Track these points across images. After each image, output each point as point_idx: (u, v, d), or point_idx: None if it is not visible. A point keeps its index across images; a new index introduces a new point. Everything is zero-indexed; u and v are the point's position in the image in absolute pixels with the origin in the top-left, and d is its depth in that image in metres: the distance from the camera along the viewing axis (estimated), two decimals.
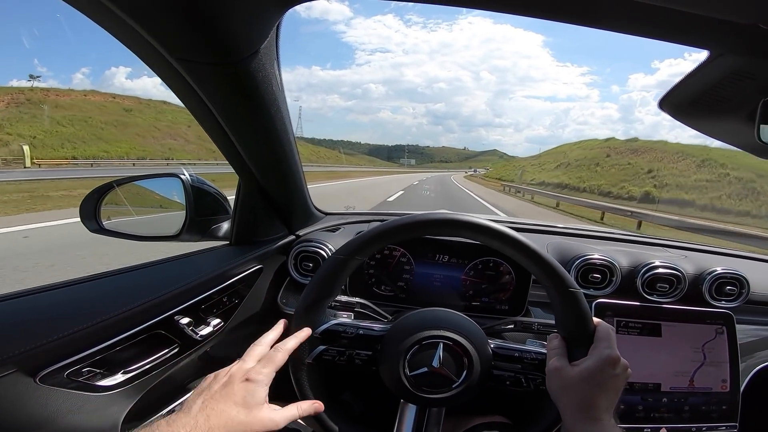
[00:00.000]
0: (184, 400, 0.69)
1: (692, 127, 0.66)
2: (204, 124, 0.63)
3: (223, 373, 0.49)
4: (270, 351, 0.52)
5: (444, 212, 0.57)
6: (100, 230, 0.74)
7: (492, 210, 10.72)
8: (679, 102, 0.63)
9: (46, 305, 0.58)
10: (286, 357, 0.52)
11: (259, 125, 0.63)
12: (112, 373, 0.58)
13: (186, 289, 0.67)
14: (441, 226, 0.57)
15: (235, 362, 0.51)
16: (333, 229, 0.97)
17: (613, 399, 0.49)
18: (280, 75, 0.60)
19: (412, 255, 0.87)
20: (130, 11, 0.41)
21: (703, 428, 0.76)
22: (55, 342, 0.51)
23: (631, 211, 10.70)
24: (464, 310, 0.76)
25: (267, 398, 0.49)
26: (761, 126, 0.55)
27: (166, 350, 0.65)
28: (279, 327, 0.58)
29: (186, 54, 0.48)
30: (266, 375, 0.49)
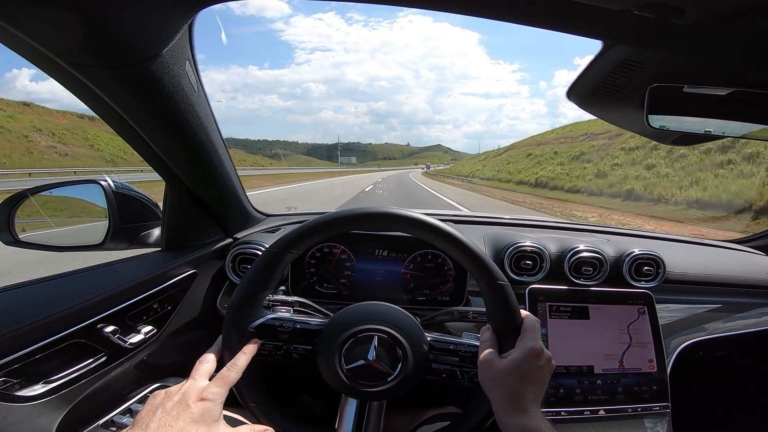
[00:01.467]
0: (126, 409, 0.67)
1: (596, 116, 0.70)
2: (117, 129, 0.62)
3: (176, 390, 0.48)
4: (223, 370, 0.52)
5: (378, 206, 0.58)
6: (15, 242, 0.71)
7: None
8: (583, 92, 0.67)
9: None
10: (240, 374, 0.52)
11: (173, 128, 0.62)
12: (32, 383, 0.56)
13: (108, 296, 0.65)
14: (374, 219, 0.57)
15: (186, 380, 0.50)
16: (273, 230, 0.96)
17: (539, 390, 0.50)
18: (196, 75, 0.60)
19: (352, 251, 0.87)
20: (12, 21, 0.40)
21: (638, 408, 0.78)
22: None
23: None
24: (407, 303, 0.76)
25: (222, 416, 0.49)
26: (649, 111, 0.58)
27: (91, 359, 0.63)
28: (220, 341, 0.57)
29: (81, 59, 0.46)
30: (221, 395, 0.49)
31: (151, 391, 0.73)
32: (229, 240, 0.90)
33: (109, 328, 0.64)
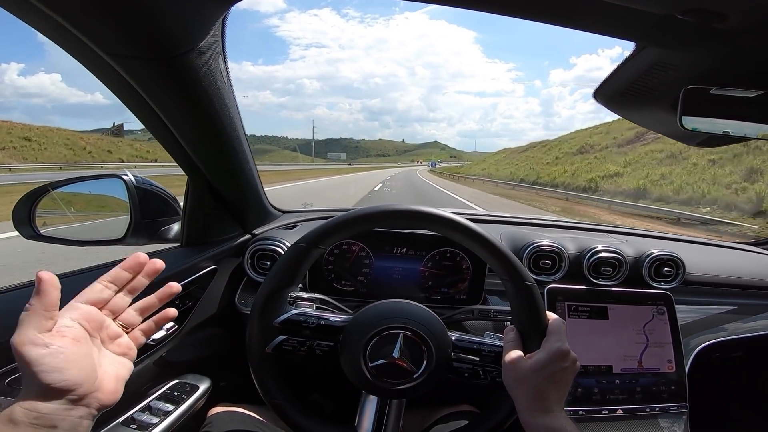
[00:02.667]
0: (146, 406, 0.67)
1: (624, 117, 0.69)
2: (146, 123, 0.61)
3: None
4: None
5: (405, 205, 0.58)
6: (36, 236, 0.70)
7: None
8: (611, 93, 0.66)
9: None
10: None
11: (203, 122, 0.61)
12: None
13: None
14: (403, 217, 0.57)
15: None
16: (290, 227, 0.96)
17: (563, 391, 0.51)
18: (227, 70, 0.59)
19: (371, 249, 0.87)
20: (58, 9, 0.39)
21: (656, 408, 0.79)
22: None
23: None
24: (424, 301, 0.76)
25: None
26: (682, 113, 0.58)
27: None
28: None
29: (120, 50, 0.46)
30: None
31: (170, 387, 0.73)
32: (248, 236, 0.90)
33: None
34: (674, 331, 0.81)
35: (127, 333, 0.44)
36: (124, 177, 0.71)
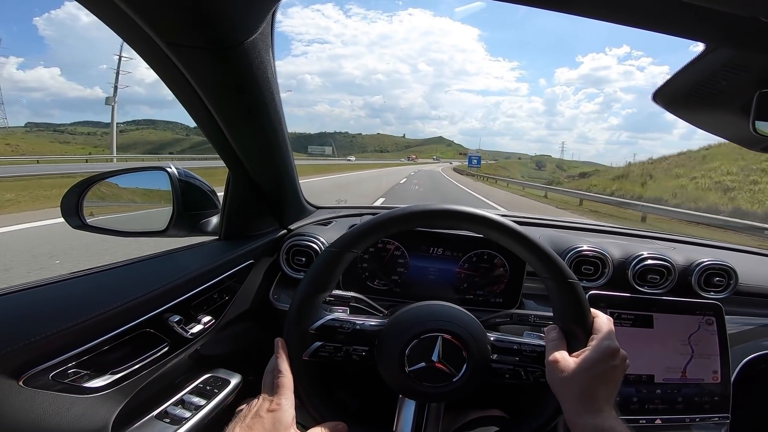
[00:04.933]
0: (179, 400, 0.67)
1: (685, 120, 0.66)
2: (194, 114, 0.61)
3: (254, 404, 0.52)
4: (276, 380, 0.53)
5: (441, 204, 0.56)
6: (83, 226, 0.71)
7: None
8: (673, 94, 0.63)
9: (28, 304, 0.55)
10: (290, 376, 0.53)
11: (251, 115, 0.61)
12: (99, 373, 0.56)
13: (175, 285, 0.64)
14: (439, 217, 0.56)
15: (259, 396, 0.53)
16: (325, 223, 0.95)
17: (612, 390, 0.50)
18: (274, 63, 0.59)
19: (406, 248, 0.86)
20: None
21: (696, 419, 0.77)
22: (38, 342, 0.48)
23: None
24: (459, 303, 0.75)
25: (294, 420, 0.51)
26: (756, 117, 0.55)
27: (156, 349, 0.63)
28: (279, 349, 0.56)
29: (179, 38, 0.46)
30: (285, 402, 0.51)
31: (202, 382, 0.73)
32: (284, 231, 0.90)
33: (176, 318, 0.64)
34: (722, 343, 0.78)
35: None
36: (168, 169, 0.72)
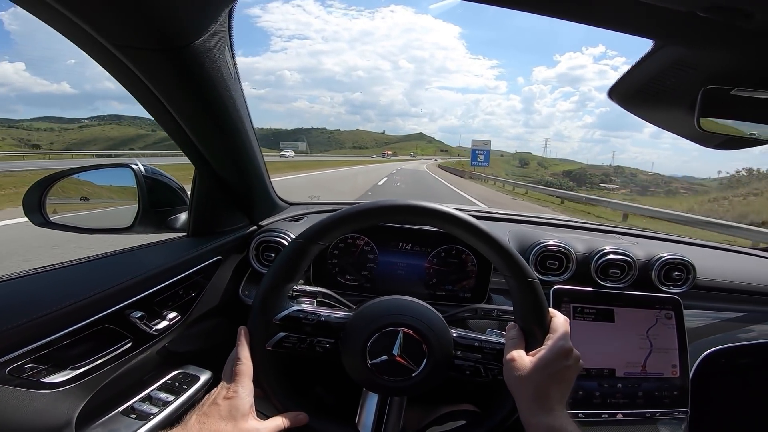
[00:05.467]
0: (146, 396, 0.67)
1: (639, 117, 0.67)
2: (153, 114, 0.61)
3: (213, 393, 0.53)
4: (235, 367, 0.54)
5: (407, 199, 0.57)
6: (46, 224, 0.71)
7: None
8: (627, 91, 0.64)
9: None
10: (250, 364, 0.54)
11: (210, 113, 0.61)
12: (58, 369, 0.56)
13: (136, 281, 0.64)
14: (403, 212, 0.56)
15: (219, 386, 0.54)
16: (296, 219, 0.96)
17: (565, 390, 0.50)
18: (234, 61, 0.59)
19: (376, 243, 0.87)
20: (63, 1, 0.39)
21: (657, 413, 0.78)
22: None
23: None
24: (428, 298, 0.76)
25: (253, 408, 0.52)
26: (700, 114, 0.56)
27: (118, 345, 0.63)
28: (241, 338, 0.57)
29: (126, 40, 0.46)
30: (242, 390, 0.52)
31: (171, 378, 0.74)
32: (254, 227, 0.90)
33: (137, 314, 0.64)
34: (681, 337, 0.79)
35: None
36: (133, 166, 0.72)
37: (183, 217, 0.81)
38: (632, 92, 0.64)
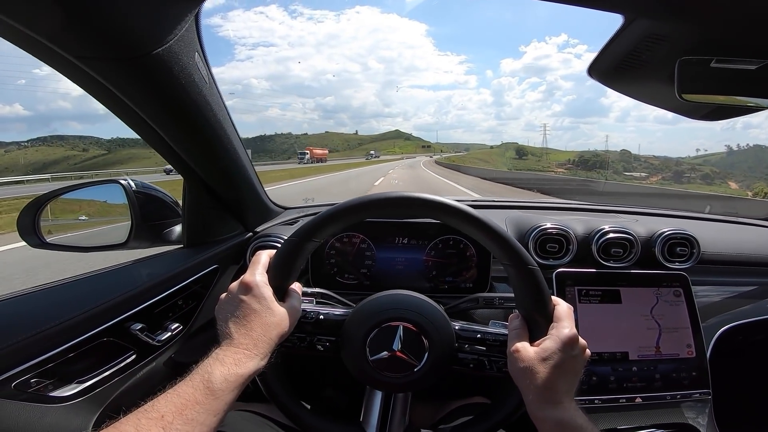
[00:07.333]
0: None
1: (620, 92, 0.67)
2: (130, 125, 0.61)
3: (223, 301, 0.52)
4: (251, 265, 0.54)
5: (399, 192, 0.55)
6: (43, 245, 0.72)
7: None
8: (605, 68, 0.65)
9: None
10: (266, 257, 0.54)
11: (185, 120, 0.61)
12: (64, 383, 0.57)
13: (134, 294, 0.65)
14: (397, 205, 0.55)
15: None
16: (291, 222, 0.96)
17: (572, 382, 0.48)
18: (206, 66, 0.59)
19: (372, 240, 0.86)
20: (13, 14, 0.39)
21: (678, 396, 0.75)
22: None
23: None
24: (430, 291, 0.75)
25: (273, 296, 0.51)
26: (680, 85, 0.57)
27: (122, 358, 0.63)
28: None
29: (86, 51, 0.45)
30: (259, 273, 0.52)
31: None
32: (249, 234, 0.90)
33: (138, 326, 0.64)
34: (692, 315, 0.77)
35: None
36: (122, 182, 0.73)
37: (178, 229, 0.82)
38: (611, 69, 0.64)
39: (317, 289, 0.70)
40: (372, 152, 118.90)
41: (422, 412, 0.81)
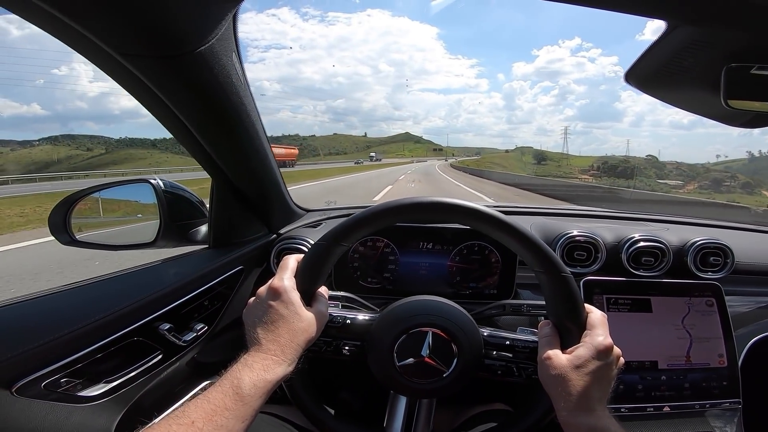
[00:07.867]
0: (186, 401, 0.66)
1: (659, 99, 0.66)
2: (165, 123, 0.61)
3: (251, 306, 0.52)
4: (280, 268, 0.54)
5: (429, 197, 0.54)
6: (73, 242, 0.72)
7: None
8: (644, 75, 0.64)
9: (18, 316, 0.56)
10: (294, 262, 0.54)
11: (220, 120, 0.61)
12: (93, 383, 0.57)
13: (162, 294, 0.65)
14: (427, 210, 0.54)
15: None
16: (314, 225, 0.96)
17: (606, 389, 0.48)
18: (242, 66, 0.59)
19: (396, 245, 0.86)
20: (64, 9, 0.39)
21: (707, 405, 0.74)
22: (27, 353, 0.49)
23: None
24: (453, 297, 0.74)
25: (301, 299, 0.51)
26: (726, 93, 0.55)
27: (149, 357, 0.64)
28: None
29: (131, 49, 0.45)
30: (287, 278, 0.52)
31: (201, 389, 0.73)
32: (273, 236, 0.90)
33: (166, 326, 0.64)
34: (725, 324, 0.75)
35: None
36: (152, 181, 0.73)
37: (204, 229, 0.82)
38: (650, 75, 0.63)
39: (341, 293, 0.70)
40: (373, 154, 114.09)
41: (442, 417, 0.80)
